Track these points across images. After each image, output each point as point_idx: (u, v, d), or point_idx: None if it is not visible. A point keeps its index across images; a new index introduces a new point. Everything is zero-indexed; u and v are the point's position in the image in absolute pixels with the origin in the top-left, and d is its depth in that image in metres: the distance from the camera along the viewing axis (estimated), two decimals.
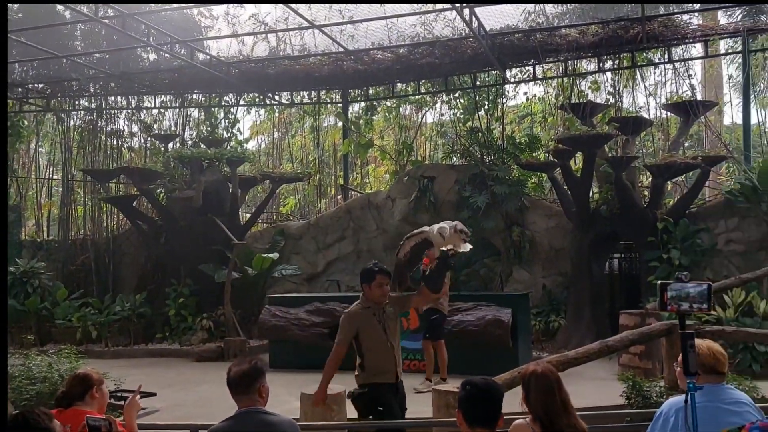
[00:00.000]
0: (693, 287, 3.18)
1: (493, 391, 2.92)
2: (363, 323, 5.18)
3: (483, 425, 2.83)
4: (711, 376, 3.30)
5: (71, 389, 3.77)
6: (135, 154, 17.80)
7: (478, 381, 2.93)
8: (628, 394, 6.57)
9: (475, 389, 2.88)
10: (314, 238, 14.56)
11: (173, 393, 9.07)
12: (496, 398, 2.90)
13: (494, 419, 2.87)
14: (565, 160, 12.02)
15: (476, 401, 2.86)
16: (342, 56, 13.90)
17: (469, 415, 2.85)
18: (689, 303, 3.17)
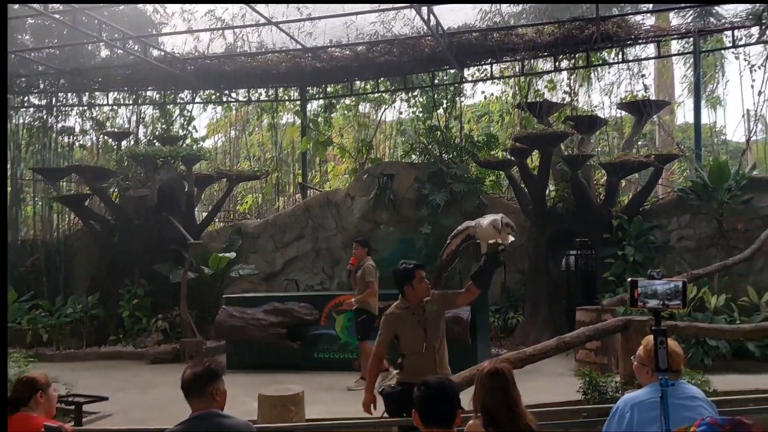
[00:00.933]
0: (665, 284, 3.22)
1: (448, 390, 2.89)
2: (401, 324, 5.05)
3: (439, 425, 2.81)
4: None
5: (16, 394, 3.63)
6: (87, 152, 17.37)
7: (433, 381, 2.91)
8: (584, 389, 6.66)
9: (430, 389, 2.86)
10: (272, 236, 14.42)
11: (127, 396, 8.86)
12: (451, 398, 2.88)
13: (450, 419, 2.84)
14: (522, 159, 12.13)
15: (431, 401, 2.83)
16: (300, 53, 13.80)
17: (425, 415, 2.82)
18: (662, 300, 3.21)
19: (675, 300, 3.21)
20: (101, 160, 16.17)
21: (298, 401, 6.45)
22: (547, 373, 9.09)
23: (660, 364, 3.10)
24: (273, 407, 6.28)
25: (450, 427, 2.83)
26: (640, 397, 3.35)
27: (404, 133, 18.34)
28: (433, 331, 5.05)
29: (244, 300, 11.25)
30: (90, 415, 7.56)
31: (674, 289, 3.22)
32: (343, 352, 10.42)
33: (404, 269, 5.10)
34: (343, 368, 10.20)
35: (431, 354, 5.02)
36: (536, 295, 11.96)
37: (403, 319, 5.01)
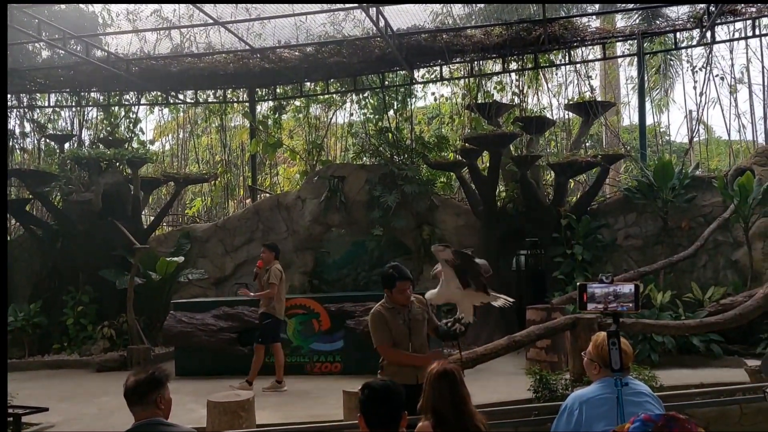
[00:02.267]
0: (615, 288, 3.28)
1: (392, 393, 2.85)
2: (387, 322, 4.98)
3: (384, 428, 2.76)
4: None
5: None
6: (28, 156, 16.79)
7: (376, 384, 2.86)
8: (535, 387, 6.72)
9: (373, 392, 2.81)
10: (221, 240, 14.18)
11: (71, 406, 8.57)
12: (395, 400, 2.83)
13: (395, 421, 2.80)
14: (472, 160, 12.22)
15: (375, 404, 2.79)
16: (248, 54, 13.61)
17: (369, 418, 2.77)
18: (617, 303, 3.27)
19: (622, 304, 3.28)
20: (43, 163, 15.63)
21: (248, 407, 6.34)
22: (499, 372, 9.17)
23: (613, 364, 3.14)
24: (222, 413, 6.17)
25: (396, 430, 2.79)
26: (589, 394, 3.37)
27: (355, 135, 18.28)
28: (417, 331, 5.01)
29: (192, 305, 11.03)
30: (31, 427, 7.28)
31: (620, 292, 3.29)
32: (295, 356, 10.29)
33: (389, 274, 5.04)
34: (295, 372, 10.07)
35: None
36: None
37: (388, 317, 4.97)
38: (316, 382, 9.65)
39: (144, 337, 12.04)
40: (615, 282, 3.36)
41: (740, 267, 10.79)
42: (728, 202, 10.74)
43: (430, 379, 3.15)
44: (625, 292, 3.31)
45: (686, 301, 10.27)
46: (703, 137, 17.41)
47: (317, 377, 9.99)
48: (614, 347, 3.17)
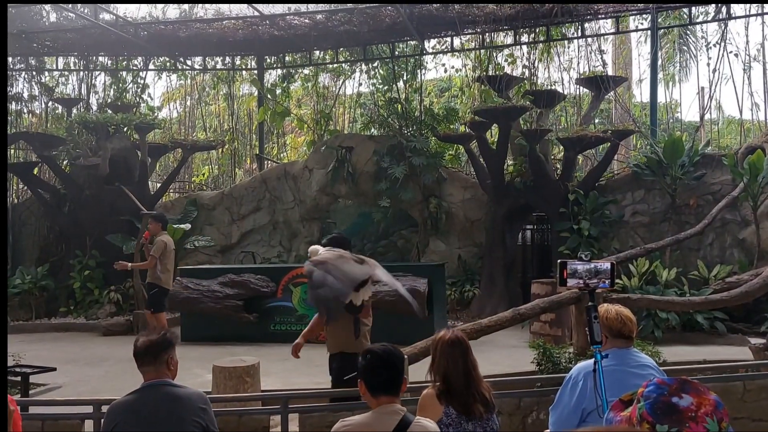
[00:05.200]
0: (592, 266, 3.37)
1: (393, 357, 2.86)
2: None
3: (386, 393, 2.78)
4: (619, 340, 3.37)
5: None
6: (36, 119, 16.76)
7: (378, 349, 2.87)
8: (538, 360, 6.73)
9: (375, 357, 2.82)
10: (228, 208, 14.20)
11: (78, 368, 8.67)
12: (397, 365, 2.85)
13: (396, 386, 2.81)
14: (481, 132, 12.14)
15: (376, 369, 2.80)
16: (258, 21, 13.48)
17: (370, 383, 2.79)
18: (595, 280, 3.37)
19: (602, 280, 3.41)
20: (50, 127, 15.62)
21: (253, 372, 6.38)
22: (502, 345, 9.20)
23: (595, 336, 3.22)
24: (227, 378, 6.21)
25: (396, 395, 2.80)
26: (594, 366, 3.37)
27: (363, 105, 18.18)
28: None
29: (199, 272, 11.08)
30: (38, 387, 7.37)
31: (600, 269, 3.41)
32: (300, 324, 10.32)
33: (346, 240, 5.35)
34: None
35: (349, 326, 5.09)
36: (493, 268, 12.06)
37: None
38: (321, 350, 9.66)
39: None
40: (593, 261, 3.49)
41: (747, 246, 10.75)
42: (738, 180, 10.66)
43: (441, 345, 3.18)
44: (604, 269, 3.38)
45: (692, 279, 10.26)
46: (715, 115, 17.25)
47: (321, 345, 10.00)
48: (596, 321, 3.25)
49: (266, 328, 10.40)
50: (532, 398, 5.00)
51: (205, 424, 3.24)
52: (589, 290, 3.43)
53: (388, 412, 2.73)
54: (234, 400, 5.27)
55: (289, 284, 10.47)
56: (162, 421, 3.14)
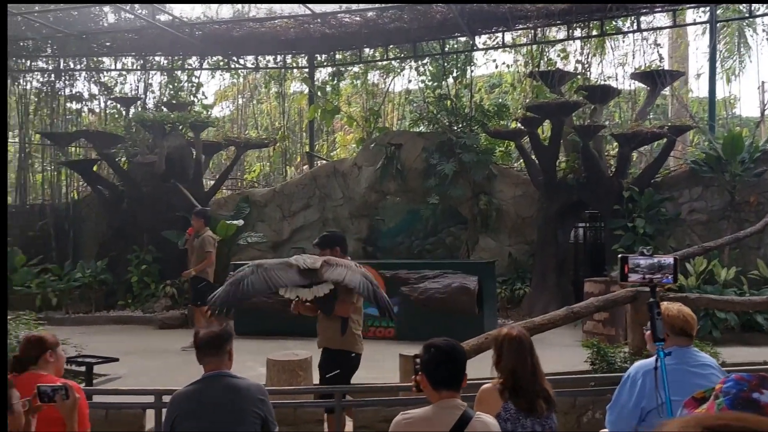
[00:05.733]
0: (655, 260, 3.28)
1: (457, 352, 2.87)
2: None
3: (448, 387, 2.79)
4: (680, 338, 3.31)
5: (24, 353, 3.61)
6: (95, 118, 17.28)
7: (441, 343, 2.88)
8: (592, 359, 6.63)
9: (439, 351, 2.83)
10: (279, 205, 14.39)
11: (136, 359, 8.92)
12: (460, 359, 2.86)
13: (458, 381, 2.83)
14: (533, 129, 12.01)
15: (440, 363, 2.81)
16: (309, 19, 13.61)
17: (433, 377, 2.80)
18: (658, 275, 3.28)
19: (666, 275, 3.28)
20: (109, 125, 16.09)
21: (306, 366, 6.48)
22: (554, 344, 9.09)
23: (658, 333, 3.15)
24: (281, 371, 6.32)
25: (458, 390, 2.81)
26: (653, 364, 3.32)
27: (413, 102, 18.18)
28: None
29: None
30: (100, 377, 7.62)
31: (663, 264, 3.29)
32: None
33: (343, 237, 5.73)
34: None
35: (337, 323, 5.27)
36: (544, 266, 11.93)
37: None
38: (371, 345, 9.68)
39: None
40: (655, 255, 3.39)
41: None
42: None
43: (508, 342, 3.19)
44: (667, 264, 3.30)
45: (752, 278, 9.96)
46: None
47: (371, 341, 10.05)
48: (658, 317, 3.17)
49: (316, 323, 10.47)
50: (587, 397, 4.94)
51: (264, 414, 3.32)
52: (651, 286, 3.36)
53: (449, 407, 2.74)
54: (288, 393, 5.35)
55: None
56: (223, 411, 3.23)
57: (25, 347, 3.63)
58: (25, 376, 3.48)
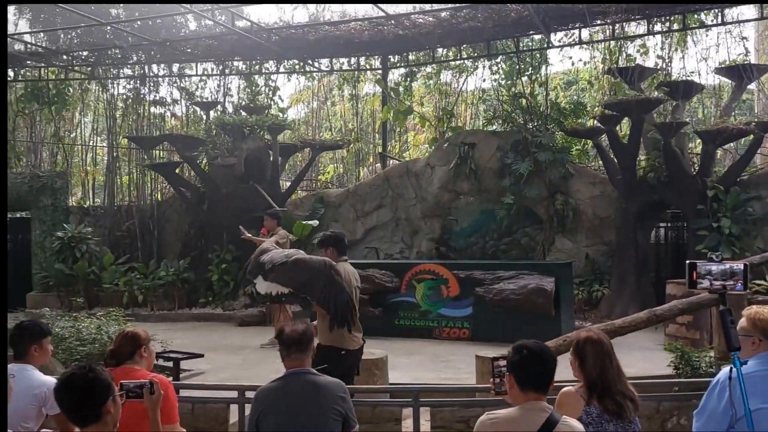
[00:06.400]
0: (724, 267, 3.20)
1: (548, 355, 2.86)
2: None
3: (536, 389, 2.78)
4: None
5: (121, 348, 3.81)
6: (177, 122, 17.94)
7: (533, 345, 2.87)
8: (676, 364, 6.44)
9: (531, 353, 2.82)
10: (353, 206, 14.55)
11: (218, 356, 9.22)
12: (551, 362, 2.85)
13: (547, 383, 2.81)
14: (611, 127, 11.74)
15: (531, 365, 2.80)
16: (383, 21, 13.70)
17: (523, 379, 2.79)
18: (731, 282, 3.21)
19: (737, 282, 3.22)
20: (191, 129, 16.67)
21: (381, 365, 6.55)
22: (635, 347, 8.85)
23: (733, 342, 3.08)
24: None
25: (545, 393, 2.80)
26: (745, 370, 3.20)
27: (486, 101, 18.04)
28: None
29: None
30: (185, 372, 7.91)
31: (734, 270, 3.22)
32: (423, 320, 10.49)
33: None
34: (423, 335, 10.28)
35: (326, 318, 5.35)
36: (623, 267, 11.62)
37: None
38: (445, 346, 9.79)
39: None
40: (724, 261, 3.30)
41: None
42: None
43: (590, 344, 3.15)
44: (738, 271, 3.20)
45: None
46: None
47: (445, 342, 10.12)
48: (732, 326, 3.08)
49: (391, 323, 10.59)
50: (672, 402, 4.81)
51: (345, 412, 3.38)
52: (721, 293, 3.27)
53: (535, 409, 2.73)
54: (365, 391, 5.43)
55: (413, 280, 10.62)
56: (305, 408, 3.31)
57: (122, 343, 3.82)
58: (120, 369, 3.67)
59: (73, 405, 2.64)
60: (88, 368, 2.71)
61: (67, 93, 17.59)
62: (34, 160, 17.85)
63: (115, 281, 13.80)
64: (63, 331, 7.56)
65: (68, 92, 17.73)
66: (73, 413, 2.65)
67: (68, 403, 2.65)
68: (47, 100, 17.24)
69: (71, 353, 7.30)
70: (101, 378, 2.69)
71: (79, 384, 2.63)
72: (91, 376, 2.66)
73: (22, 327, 4.06)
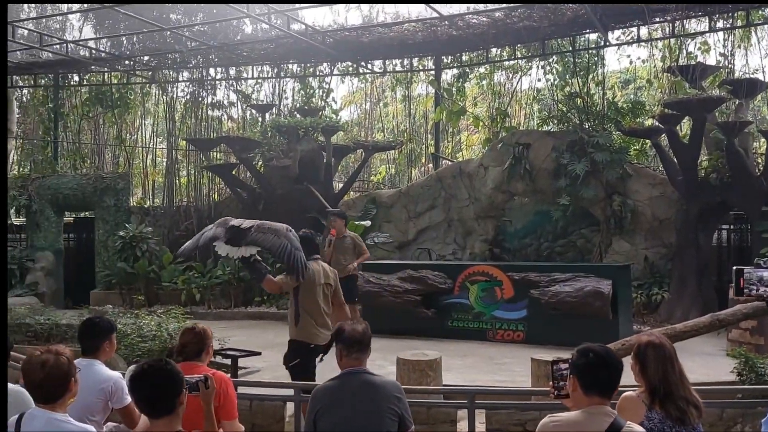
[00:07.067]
0: None
1: (615, 359, 2.81)
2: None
3: (601, 394, 2.73)
4: None
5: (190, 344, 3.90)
6: (234, 124, 18.30)
7: (599, 348, 2.82)
8: (739, 370, 6.24)
9: (597, 356, 2.78)
10: (405, 206, 14.56)
11: (273, 354, 9.26)
12: (617, 367, 2.80)
13: (612, 388, 2.77)
14: (671, 126, 11.46)
15: (598, 369, 2.75)
16: (436, 22, 13.68)
17: (587, 382, 2.74)
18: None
19: None
20: (247, 131, 16.97)
21: (435, 366, 6.53)
22: (696, 353, 8.62)
23: None
24: (411, 371, 6.41)
25: (609, 397, 2.76)
26: None
27: (540, 100, 17.83)
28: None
29: (380, 267, 11.48)
30: (242, 370, 8.05)
31: None
32: (477, 322, 10.42)
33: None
34: (477, 337, 10.21)
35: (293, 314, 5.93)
36: (684, 270, 11.32)
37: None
38: (499, 348, 9.72)
39: None
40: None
41: None
42: None
43: (653, 349, 3.09)
44: None
45: None
46: None
47: (499, 344, 10.04)
48: None
49: (444, 324, 10.56)
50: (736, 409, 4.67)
51: (401, 412, 3.39)
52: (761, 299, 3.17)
53: (599, 413, 2.69)
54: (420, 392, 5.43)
55: (466, 282, 10.56)
56: (362, 407, 3.33)
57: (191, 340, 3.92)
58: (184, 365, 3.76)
59: (150, 396, 2.74)
60: (164, 361, 2.82)
61: (129, 97, 18.15)
62: (97, 162, 18.48)
63: (174, 280, 14.15)
64: (125, 328, 7.78)
65: (130, 96, 18.29)
66: (149, 404, 2.76)
67: (145, 394, 2.75)
68: (110, 104, 17.81)
69: (133, 349, 7.52)
70: (177, 371, 2.80)
71: (157, 376, 2.74)
72: (169, 368, 2.77)
73: (94, 323, 4.18)
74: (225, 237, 5.59)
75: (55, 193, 15.31)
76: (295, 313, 5.87)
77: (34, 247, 15.33)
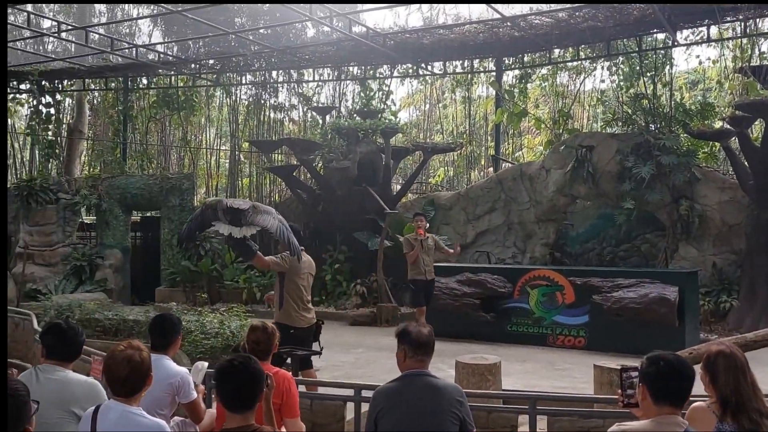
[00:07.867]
0: None
1: (687, 368, 2.73)
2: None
3: (672, 403, 2.66)
4: None
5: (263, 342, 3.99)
6: (295, 126, 18.57)
7: (671, 358, 2.75)
8: None
9: (669, 365, 2.70)
10: (464, 209, 14.47)
11: (332, 354, 9.40)
12: (690, 376, 2.71)
13: (684, 398, 2.69)
14: (743, 128, 11.07)
15: (669, 378, 2.68)
16: (498, 23, 13.55)
17: (658, 391, 2.67)
18: None
19: None
20: (308, 133, 17.19)
21: (495, 371, 6.47)
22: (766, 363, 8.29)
23: None
24: (471, 375, 6.36)
25: (680, 407, 2.68)
26: None
27: (604, 102, 17.47)
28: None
29: (438, 269, 11.42)
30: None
31: None
32: (537, 327, 10.27)
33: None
34: (537, 342, 10.08)
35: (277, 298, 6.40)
36: (754, 278, 10.90)
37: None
38: (560, 354, 9.56)
39: (391, 296, 12.81)
40: None
41: None
42: None
43: (723, 359, 2.99)
44: None
45: None
46: None
47: (560, 350, 9.88)
48: None
49: (503, 328, 10.45)
50: None
51: (462, 416, 3.36)
52: None
53: (669, 423, 2.62)
54: (480, 396, 5.39)
55: (526, 286, 10.42)
56: (423, 410, 3.32)
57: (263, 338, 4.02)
58: None
59: (234, 391, 2.84)
60: (251, 359, 2.92)
61: (194, 99, 18.64)
62: (164, 163, 19.04)
63: (236, 278, 14.44)
64: (189, 325, 7.99)
65: (195, 98, 18.78)
66: (232, 398, 2.86)
67: (230, 388, 2.86)
68: (176, 106, 18.33)
69: (196, 346, 7.71)
70: (261, 370, 2.92)
71: (244, 372, 2.84)
72: (255, 366, 2.88)
73: (165, 320, 4.29)
74: (226, 218, 5.92)
75: (124, 192, 15.83)
76: (279, 297, 6.33)
77: (103, 244, 15.88)
